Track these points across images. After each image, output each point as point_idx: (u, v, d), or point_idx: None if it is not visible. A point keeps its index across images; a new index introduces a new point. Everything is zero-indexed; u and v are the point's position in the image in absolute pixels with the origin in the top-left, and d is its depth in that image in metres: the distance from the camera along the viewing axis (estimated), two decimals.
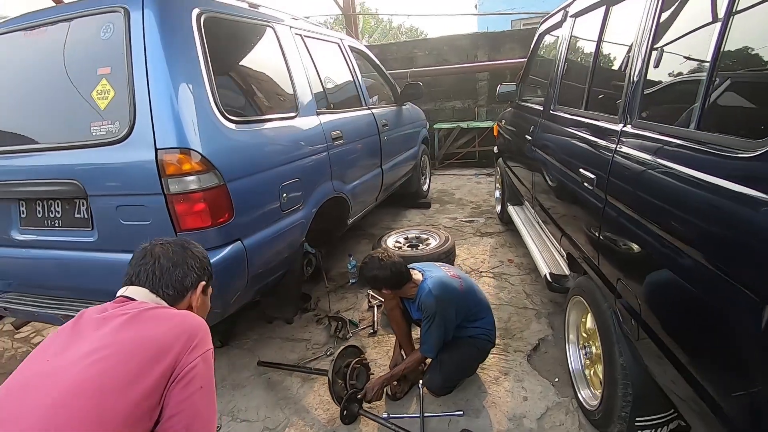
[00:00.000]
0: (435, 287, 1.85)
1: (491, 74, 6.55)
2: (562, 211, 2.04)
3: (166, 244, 1.03)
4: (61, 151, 1.73)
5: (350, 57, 3.32)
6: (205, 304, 1.09)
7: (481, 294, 2.09)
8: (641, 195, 1.23)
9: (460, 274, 2.04)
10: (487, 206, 4.86)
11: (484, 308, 2.05)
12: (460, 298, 1.91)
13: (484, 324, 2.02)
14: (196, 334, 0.88)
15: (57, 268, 1.92)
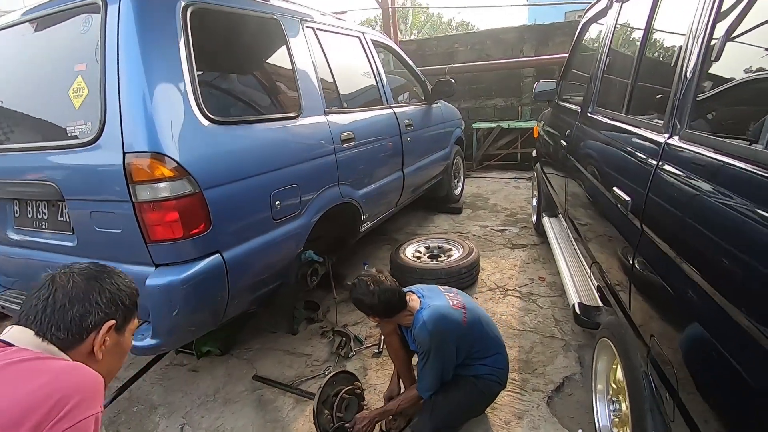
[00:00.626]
0: (431, 320, 1.59)
1: (537, 70, 6.07)
2: (593, 233, 1.72)
3: (71, 273, 0.87)
4: (40, 152, 1.66)
5: (372, 53, 3.10)
6: (121, 345, 0.91)
7: (492, 327, 1.79)
8: (687, 231, 0.92)
9: (466, 303, 1.76)
10: (524, 214, 4.48)
11: (494, 344, 1.75)
12: (463, 332, 1.64)
13: (493, 362, 1.73)
14: (69, 398, 0.69)
15: (38, 269, 1.87)
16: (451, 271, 2.90)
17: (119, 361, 0.94)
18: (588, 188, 1.74)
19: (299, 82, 2.17)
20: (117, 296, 0.88)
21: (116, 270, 0.94)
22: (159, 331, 1.56)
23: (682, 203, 0.96)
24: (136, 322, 0.96)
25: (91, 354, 0.84)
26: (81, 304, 0.83)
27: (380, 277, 1.65)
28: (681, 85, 1.08)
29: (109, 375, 0.91)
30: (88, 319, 0.83)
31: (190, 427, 2.02)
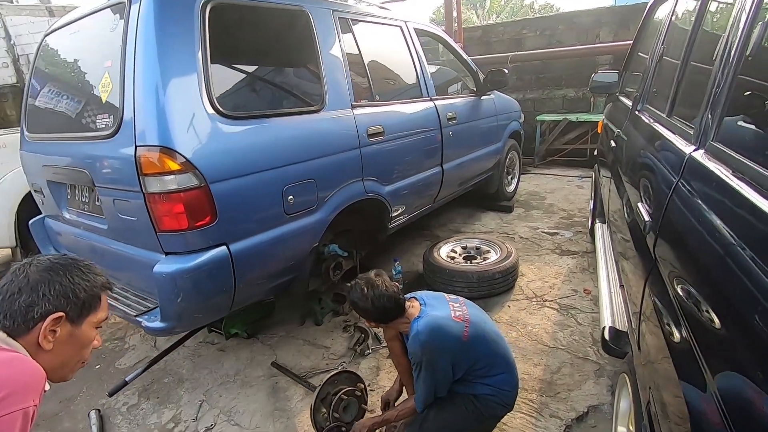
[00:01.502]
0: (425, 330, 1.48)
1: (615, 58, 5.46)
2: (622, 251, 1.49)
3: (30, 264, 0.90)
4: (78, 141, 1.82)
5: (414, 42, 2.97)
6: (77, 337, 0.93)
7: (500, 345, 1.63)
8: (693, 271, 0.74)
9: (471, 315, 1.60)
10: (581, 218, 4.10)
11: (500, 363, 1.59)
12: (460, 348, 1.51)
13: (497, 382, 1.58)
14: (2, 387, 0.72)
15: (86, 247, 2.07)
16: (483, 275, 2.74)
17: (78, 352, 0.95)
18: (623, 199, 1.52)
19: (325, 76, 2.14)
20: (69, 289, 0.90)
21: (82, 264, 0.96)
22: (166, 315, 1.65)
23: (694, 235, 0.78)
24: (101, 315, 0.98)
25: (38, 346, 0.87)
26: (28, 295, 0.86)
27: (377, 280, 1.57)
28: (714, 88, 0.87)
29: (66, 366, 0.94)
30: (34, 310, 0.85)
31: (207, 405, 2.14)
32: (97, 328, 1.00)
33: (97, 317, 0.97)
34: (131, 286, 1.99)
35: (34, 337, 0.86)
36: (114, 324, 2.94)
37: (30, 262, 0.91)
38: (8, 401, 0.73)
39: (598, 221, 3.01)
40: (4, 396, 0.73)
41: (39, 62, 2.26)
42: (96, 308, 0.96)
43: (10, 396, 0.73)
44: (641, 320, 1.02)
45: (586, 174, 5.48)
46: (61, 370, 0.94)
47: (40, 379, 0.81)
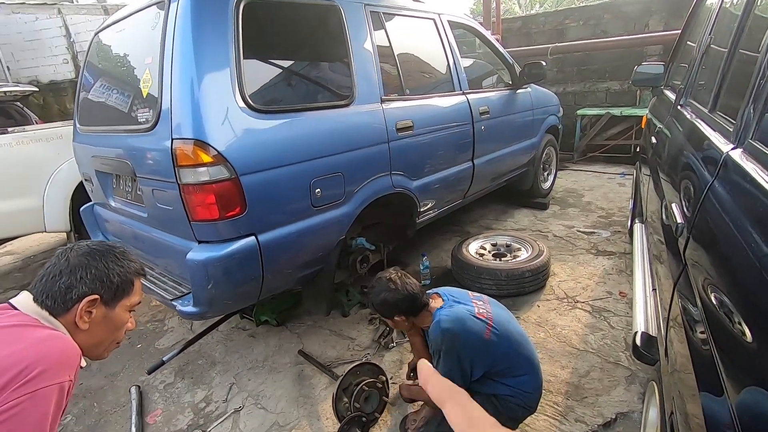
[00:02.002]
0: (446, 318, 1.48)
1: (665, 48, 5.15)
2: (655, 251, 1.42)
3: (71, 250, 0.98)
4: (121, 134, 1.93)
5: (447, 36, 2.93)
6: (111, 319, 1.00)
7: (524, 346, 1.59)
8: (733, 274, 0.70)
9: (494, 314, 1.58)
10: (621, 217, 3.92)
11: (523, 365, 1.56)
12: (481, 346, 1.49)
13: (519, 384, 1.55)
14: (37, 363, 0.78)
15: (129, 234, 2.20)
16: (512, 273, 2.68)
17: (112, 333, 1.02)
18: (660, 198, 1.44)
19: (355, 70, 2.15)
20: (104, 274, 0.97)
21: (117, 251, 1.03)
22: (197, 300, 1.73)
23: (726, 239, 0.73)
24: (134, 300, 1.04)
25: (75, 326, 0.94)
26: (67, 278, 0.93)
27: (398, 273, 1.60)
28: (758, 81, 0.81)
29: (101, 345, 1.01)
30: (72, 291, 0.93)
31: (237, 387, 2.24)
32: (131, 312, 1.07)
33: (131, 301, 1.04)
34: (168, 271, 2.10)
35: (72, 317, 0.93)
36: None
37: (71, 247, 0.99)
38: (46, 375, 0.79)
39: (637, 221, 2.87)
40: (44, 369, 0.79)
41: (90, 58, 2.42)
42: (129, 292, 1.03)
43: (49, 370, 0.80)
44: (669, 326, 0.97)
45: (629, 171, 5.22)
46: (97, 349, 1.01)
47: (75, 357, 0.88)
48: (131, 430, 1.97)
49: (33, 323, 0.89)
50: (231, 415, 2.04)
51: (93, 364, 2.54)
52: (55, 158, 3.33)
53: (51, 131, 3.41)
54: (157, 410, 2.13)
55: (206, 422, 2.02)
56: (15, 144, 3.25)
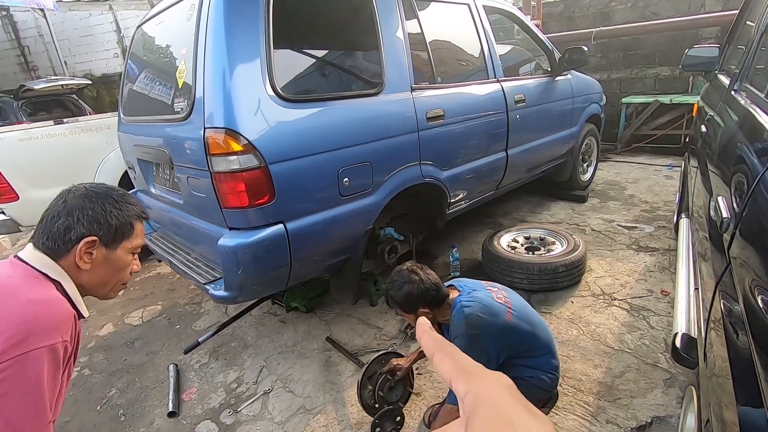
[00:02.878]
0: (469, 304, 1.46)
1: (723, 30, 4.76)
2: (700, 248, 1.33)
3: (72, 191, 0.96)
4: (159, 123, 2.00)
5: (482, 21, 2.83)
6: (113, 261, 0.98)
7: (540, 329, 1.59)
8: None
9: (512, 299, 1.57)
10: (666, 211, 3.70)
11: (541, 346, 1.56)
12: (506, 329, 1.47)
13: (539, 365, 1.54)
14: (28, 326, 0.78)
15: (168, 219, 2.30)
16: (545, 267, 2.60)
17: (116, 274, 1.02)
18: (707, 191, 1.34)
19: (385, 59, 2.13)
20: (101, 216, 0.95)
21: (115, 194, 1.00)
22: (228, 285, 1.79)
23: None
24: (136, 242, 1.03)
25: (77, 268, 0.94)
26: (65, 219, 0.92)
27: (420, 266, 1.58)
28: None
29: (106, 285, 1.02)
30: (71, 232, 0.92)
31: (267, 370, 2.31)
32: (134, 254, 1.05)
33: (132, 244, 1.02)
34: (203, 256, 2.18)
35: (73, 258, 0.93)
36: (192, 290, 3.26)
37: (69, 190, 0.98)
38: (38, 337, 0.79)
39: (683, 216, 2.70)
40: (38, 331, 0.79)
41: (132, 51, 2.53)
42: (130, 235, 1.01)
43: (40, 333, 0.80)
44: (709, 328, 0.90)
45: (677, 163, 4.92)
46: (103, 289, 1.02)
47: (66, 319, 0.87)
48: (168, 405, 2.08)
49: (32, 278, 0.89)
50: (260, 396, 2.11)
51: (136, 342, 2.69)
52: (103, 147, 3.52)
53: (100, 122, 3.61)
54: (192, 388, 2.24)
55: (237, 402, 2.10)
56: (69, 134, 3.46)
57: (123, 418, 2.09)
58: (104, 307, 3.17)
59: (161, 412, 2.08)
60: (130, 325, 2.91)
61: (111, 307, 3.16)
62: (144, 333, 2.80)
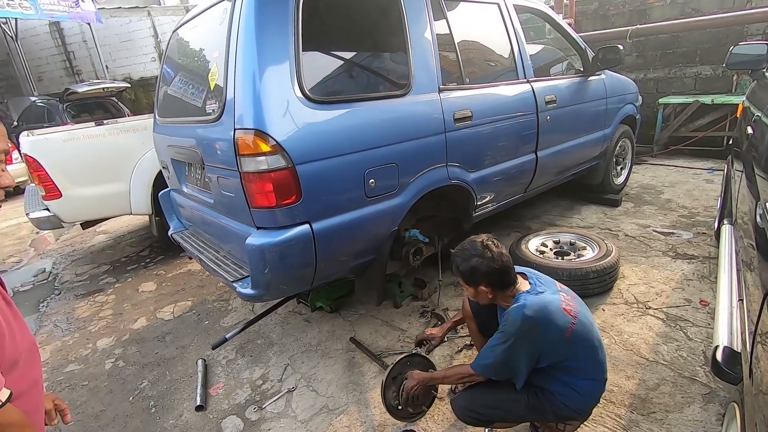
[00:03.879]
0: (533, 305, 1.34)
1: None
2: (745, 257, 1.25)
3: None
4: (192, 125, 2.06)
5: (512, 21, 2.78)
6: None
7: (598, 354, 1.44)
8: None
9: (580, 313, 1.42)
10: (706, 217, 3.52)
11: (592, 371, 1.43)
12: (559, 342, 1.36)
13: (576, 386, 1.41)
14: None
15: (199, 218, 2.36)
16: (575, 273, 2.52)
17: None
18: (752, 197, 1.26)
19: (412, 60, 2.12)
20: None
21: None
22: (255, 283, 1.82)
23: None
24: None
25: None
26: None
27: (496, 243, 1.44)
28: None
29: None
30: None
31: (291, 368, 2.33)
32: None
33: None
34: (231, 255, 2.23)
35: None
36: (221, 287, 3.34)
37: None
38: None
39: (726, 222, 2.56)
40: None
41: (168, 55, 2.62)
42: None
43: None
44: (756, 342, 0.85)
45: (719, 167, 4.68)
46: None
47: None
48: (196, 399, 2.14)
49: None
50: (285, 394, 2.14)
51: (167, 337, 2.78)
52: (140, 147, 3.66)
53: (137, 123, 3.76)
54: (219, 383, 2.29)
55: (262, 399, 2.13)
56: (108, 134, 3.62)
57: (153, 409, 2.16)
58: (138, 302, 3.29)
59: (189, 406, 2.14)
60: (162, 319, 3.01)
61: (144, 302, 3.28)
62: (175, 328, 2.89)
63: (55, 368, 2.59)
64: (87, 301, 3.44)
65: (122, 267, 4.04)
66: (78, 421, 2.14)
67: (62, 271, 4.14)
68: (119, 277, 3.80)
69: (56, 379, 2.49)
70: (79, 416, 2.17)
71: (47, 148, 3.41)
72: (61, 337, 2.94)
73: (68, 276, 4.00)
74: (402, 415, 1.81)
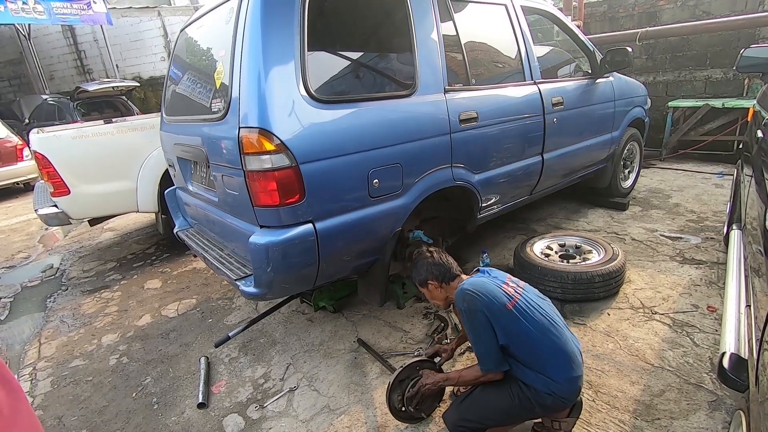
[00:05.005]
0: (469, 283, 1.56)
1: None
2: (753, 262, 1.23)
3: None
4: (197, 123, 2.07)
5: (520, 22, 2.76)
6: None
7: (549, 333, 1.50)
8: None
9: (525, 297, 1.54)
10: (715, 222, 3.48)
11: (546, 351, 1.48)
12: (501, 312, 1.47)
13: (545, 371, 1.48)
14: None
15: (203, 216, 2.37)
16: (580, 276, 2.49)
17: None
18: (762, 202, 1.24)
19: (418, 60, 2.11)
20: None
21: None
22: (258, 282, 1.82)
23: None
24: None
25: None
26: None
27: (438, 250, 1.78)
28: None
29: None
30: None
31: (293, 368, 2.33)
32: None
33: None
34: (235, 253, 2.24)
35: None
36: (225, 285, 3.36)
37: None
38: None
39: (735, 227, 2.52)
40: None
41: (175, 54, 2.63)
42: None
43: None
44: (762, 349, 0.83)
45: (728, 171, 4.62)
46: None
47: None
48: (199, 397, 2.14)
49: None
50: (286, 393, 2.14)
51: (171, 334, 2.80)
52: (147, 146, 3.69)
53: (144, 121, 3.79)
54: (221, 381, 2.29)
55: (264, 397, 2.13)
56: (116, 132, 3.65)
57: (156, 406, 2.17)
58: (143, 299, 3.31)
59: (191, 403, 2.15)
60: (166, 317, 3.03)
61: (149, 299, 3.30)
62: (179, 325, 2.90)
63: (60, 363, 2.62)
64: (93, 297, 3.47)
65: (128, 264, 4.07)
66: (81, 416, 2.15)
67: (70, 268, 4.19)
68: (125, 274, 3.83)
69: (61, 374, 2.51)
70: (82, 411, 2.19)
71: (56, 145, 3.44)
72: (67, 332, 2.97)
73: (75, 272, 4.04)
74: (403, 417, 1.81)
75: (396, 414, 1.78)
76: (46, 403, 2.28)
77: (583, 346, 2.17)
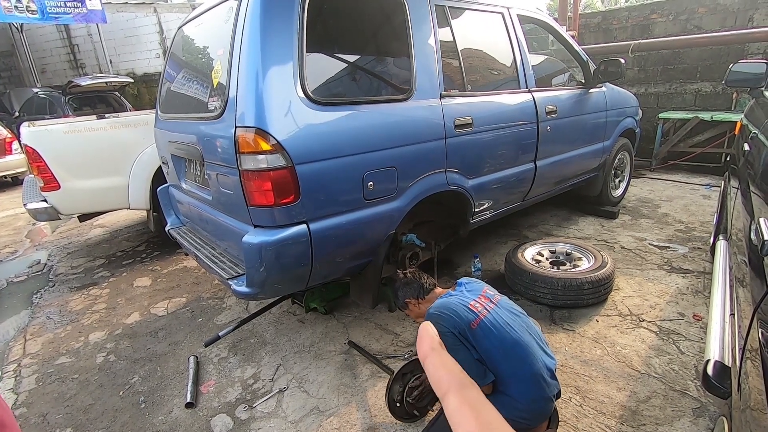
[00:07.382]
0: (435, 306, 1.61)
1: None
2: (737, 272, 1.26)
3: None
4: (193, 121, 2.07)
5: (516, 30, 2.80)
6: None
7: (512, 352, 1.48)
8: None
9: (494, 314, 1.54)
10: (702, 232, 3.54)
11: (507, 369, 1.48)
12: (465, 330, 1.50)
13: (508, 390, 1.47)
14: None
15: (197, 214, 2.36)
16: (570, 283, 2.53)
17: None
18: (747, 213, 1.27)
19: (415, 65, 2.13)
20: None
21: None
22: (250, 281, 1.82)
23: None
24: None
25: None
26: None
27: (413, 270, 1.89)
28: None
29: None
30: None
31: (283, 369, 2.33)
32: None
33: None
34: (228, 252, 2.23)
35: None
36: (216, 285, 3.34)
37: None
38: None
39: (721, 237, 2.57)
40: None
41: (172, 51, 2.63)
42: None
43: None
44: (744, 357, 0.85)
45: (716, 182, 4.71)
46: None
47: None
48: (187, 396, 2.12)
49: None
50: (276, 394, 2.13)
51: (160, 332, 2.77)
52: (140, 142, 3.66)
53: (138, 118, 3.76)
54: (210, 381, 2.28)
55: (253, 398, 2.12)
56: (109, 128, 3.62)
57: (143, 405, 2.15)
58: (132, 297, 3.28)
59: (179, 402, 2.13)
60: (156, 315, 3.00)
61: (138, 297, 3.27)
62: (168, 324, 2.88)
63: (45, 360, 2.58)
64: (81, 294, 3.42)
65: (118, 261, 4.02)
66: (67, 414, 2.12)
67: (57, 264, 4.13)
68: (114, 272, 3.79)
69: (46, 371, 2.48)
70: (68, 409, 2.16)
71: (47, 139, 3.40)
72: (54, 329, 2.93)
73: (63, 268, 3.99)
74: (398, 413, 1.81)
75: (392, 408, 1.78)
76: (31, 400, 2.25)
77: (571, 352, 2.21)
